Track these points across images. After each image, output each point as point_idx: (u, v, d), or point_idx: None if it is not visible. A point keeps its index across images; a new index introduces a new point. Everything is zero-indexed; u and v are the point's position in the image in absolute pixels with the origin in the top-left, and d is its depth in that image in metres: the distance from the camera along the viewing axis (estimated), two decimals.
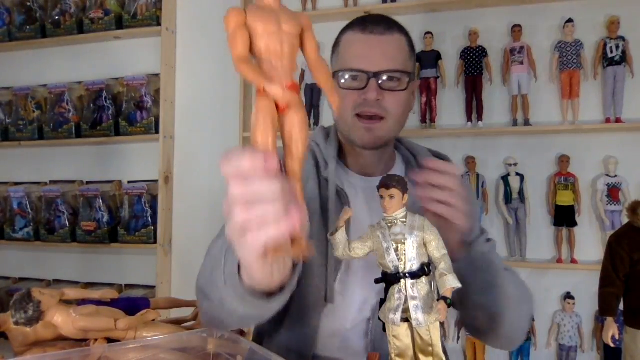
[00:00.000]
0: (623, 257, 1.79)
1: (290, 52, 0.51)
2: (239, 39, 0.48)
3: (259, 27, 0.49)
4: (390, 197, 0.56)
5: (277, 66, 0.50)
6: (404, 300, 0.56)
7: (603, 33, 2.28)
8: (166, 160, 2.72)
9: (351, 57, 1.06)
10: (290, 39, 0.50)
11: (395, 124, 1.08)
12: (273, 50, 0.50)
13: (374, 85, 1.02)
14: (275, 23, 0.49)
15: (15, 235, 2.89)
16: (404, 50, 1.07)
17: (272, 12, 0.50)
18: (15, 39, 2.96)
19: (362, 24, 1.07)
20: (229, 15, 0.49)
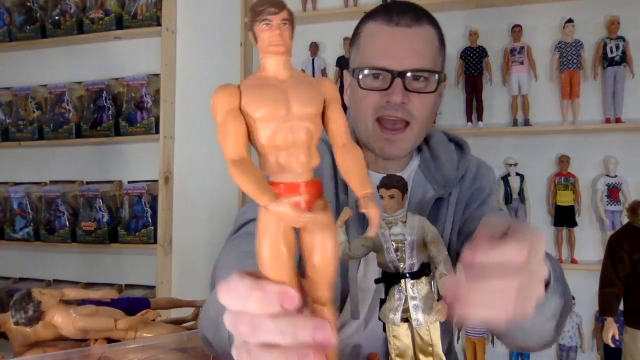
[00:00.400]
0: (623, 257, 1.79)
1: (307, 141, 0.36)
2: (230, 132, 0.35)
3: (258, 113, 0.35)
4: (390, 197, 0.56)
5: (288, 163, 0.36)
6: (404, 300, 0.56)
7: (603, 33, 2.28)
8: (166, 160, 2.71)
9: (373, 53, 0.93)
10: (305, 123, 0.36)
11: (421, 130, 0.97)
12: (280, 142, 0.36)
13: (399, 86, 0.90)
14: (282, 104, 0.36)
15: (15, 235, 2.89)
16: (434, 45, 0.95)
17: (278, 88, 0.36)
18: (15, 39, 2.96)
19: (387, 14, 0.93)
20: (215, 97, 0.37)
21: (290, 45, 0.36)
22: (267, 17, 0.35)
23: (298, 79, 0.37)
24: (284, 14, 0.36)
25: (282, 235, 0.36)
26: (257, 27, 0.35)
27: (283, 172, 0.36)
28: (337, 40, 2.57)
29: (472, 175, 1.03)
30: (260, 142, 0.36)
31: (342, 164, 0.38)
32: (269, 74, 0.37)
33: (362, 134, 0.99)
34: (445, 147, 1.06)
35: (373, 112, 0.93)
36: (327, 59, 2.59)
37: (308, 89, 0.37)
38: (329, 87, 0.39)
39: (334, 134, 0.39)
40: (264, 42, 0.36)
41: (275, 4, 0.36)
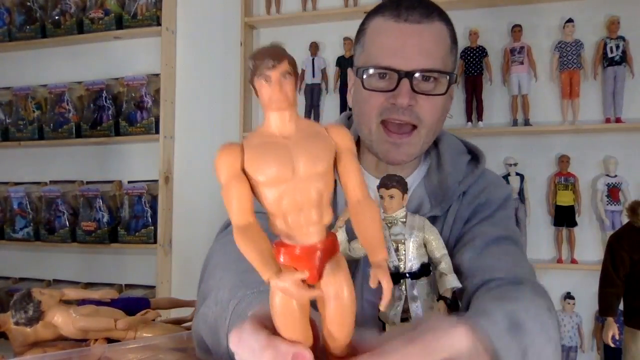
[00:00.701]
0: (623, 257, 1.78)
1: (317, 200, 0.34)
2: (233, 197, 0.34)
3: (261, 177, 0.33)
4: (390, 197, 0.56)
5: (297, 225, 0.34)
6: (404, 300, 0.56)
7: (603, 33, 2.28)
8: (166, 160, 2.71)
9: (379, 51, 0.87)
10: (314, 183, 0.34)
11: (429, 135, 0.90)
12: (287, 206, 0.34)
13: (406, 87, 0.83)
14: (287, 165, 0.33)
15: (15, 235, 2.89)
16: (445, 43, 0.88)
17: (282, 147, 0.34)
18: (15, 39, 2.96)
19: (395, 9, 0.86)
20: (218, 159, 0.34)
21: (294, 97, 0.34)
22: (266, 72, 0.33)
23: (305, 132, 0.35)
24: (283, 66, 0.33)
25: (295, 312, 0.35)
26: (256, 82, 0.33)
27: (294, 234, 0.34)
28: (337, 40, 2.57)
29: (477, 191, 0.95)
30: (267, 205, 0.34)
31: (357, 224, 0.36)
32: (272, 130, 0.35)
33: (365, 137, 0.93)
34: (454, 157, 0.98)
35: (377, 115, 0.87)
36: (327, 58, 2.59)
37: (316, 143, 0.34)
38: (340, 136, 0.36)
39: (347, 188, 0.36)
40: (264, 99, 0.34)
41: (274, 56, 0.33)
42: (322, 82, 2.57)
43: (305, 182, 0.34)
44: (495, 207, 0.93)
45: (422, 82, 0.85)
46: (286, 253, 0.34)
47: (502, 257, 0.81)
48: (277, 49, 0.34)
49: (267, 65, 0.33)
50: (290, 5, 2.66)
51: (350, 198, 0.36)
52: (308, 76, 2.56)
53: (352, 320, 0.36)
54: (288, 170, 0.33)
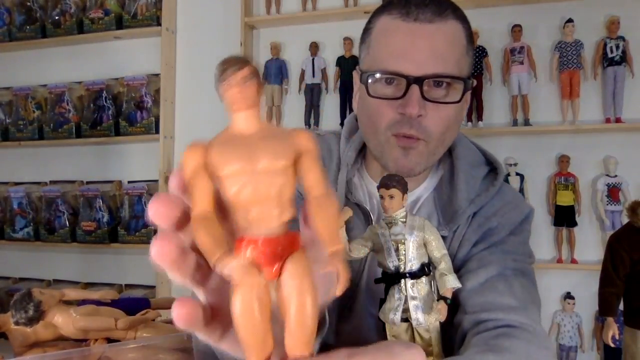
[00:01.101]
0: (623, 257, 1.79)
1: (277, 195, 0.35)
2: (195, 190, 0.35)
3: (222, 170, 0.34)
4: (390, 197, 0.56)
5: (258, 218, 0.35)
6: (404, 300, 0.56)
7: (603, 33, 2.28)
8: (166, 160, 2.72)
9: (385, 54, 0.79)
10: (274, 177, 0.35)
11: (438, 147, 0.83)
12: (247, 198, 0.34)
13: (415, 94, 0.75)
14: (246, 160, 0.34)
15: (15, 235, 2.89)
16: (460, 45, 0.80)
17: (244, 144, 0.35)
18: (16, 39, 2.96)
19: (404, 6, 0.78)
20: (184, 158, 0.35)
21: (256, 99, 0.35)
22: (229, 77, 0.34)
23: (267, 132, 0.36)
24: (244, 71, 0.34)
25: (255, 298, 0.34)
26: (220, 87, 0.35)
27: (254, 228, 0.35)
28: (337, 40, 2.57)
29: (490, 212, 0.86)
30: (228, 199, 0.35)
31: (313, 216, 0.35)
32: (236, 130, 0.36)
33: (373, 147, 0.86)
34: (468, 171, 0.88)
35: (387, 128, 0.80)
36: (327, 58, 2.59)
37: (277, 141, 0.35)
38: (303, 138, 0.36)
39: (308, 184, 0.36)
40: (227, 102, 0.35)
41: (236, 63, 0.34)
42: (322, 82, 2.57)
43: (266, 176, 0.34)
44: (507, 233, 0.85)
45: (433, 89, 0.78)
46: (248, 244, 0.34)
47: (505, 294, 0.76)
48: (240, 57, 0.35)
49: (229, 72, 0.34)
50: (290, 5, 2.66)
51: (309, 193, 0.35)
52: (308, 76, 2.57)
53: (313, 323, 0.34)
54: (248, 163, 0.34)
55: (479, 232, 0.84)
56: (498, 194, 0.88)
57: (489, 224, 0.84)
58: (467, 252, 0.83)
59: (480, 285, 0.76)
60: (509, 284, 0.77)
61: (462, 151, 0.89)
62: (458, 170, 0.87)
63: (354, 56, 2.52)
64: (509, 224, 0.86)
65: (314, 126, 2.57)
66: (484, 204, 0.85)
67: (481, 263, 0.80)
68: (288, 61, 2.66)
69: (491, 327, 0.71)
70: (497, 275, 0.77)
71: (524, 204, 0.92)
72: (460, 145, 0.90)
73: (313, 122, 2.57)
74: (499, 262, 0.79)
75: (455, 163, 0.88)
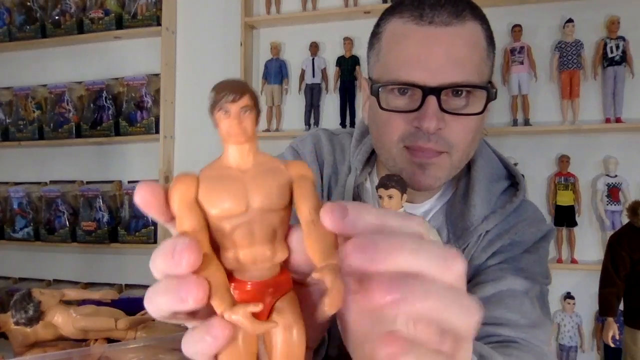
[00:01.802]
0: (623, 257, 1.79)
1: (270, 237, 0.33)
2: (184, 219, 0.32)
3: (213, 209, 0.32)
4: (389, 197, 0.56)
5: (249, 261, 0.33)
6: None
7: (603, 33, 2.28)
8: (166, 160, 2.72)
9: (398, 62, 0.71)
10: (268, 218, 0.33)
11: (461, 160, 0.76)
12: (239, 240, 0.33)
13: (432, 106, 0.68)
14: (241, 199, 0.32)
15: (15, 235, 2.89)
16: (480, 48, 0.73)
17: (237, 180, 0.33)
18: (16, 39, 2.96)
19: (417, 8, 0.71)
20: (171, 191, 0.33)
21: (253, 132, 0.33)
22: (225, 106, 0.32)
23: (263, 167, 0.34)
24: (244, 100, 0.32)
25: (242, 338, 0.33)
26: (216, 114, 0.33)
27: (245, 270, 0.33)
28: (337, 40, 2.57)
29: (503, 230, 0.80)
30: (219, 237, 0.33)
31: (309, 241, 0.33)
32: (229, 163, 0.34)
33: (385, 161, 0.79)
34: (486, 186, 0.82)
35: (399, 141, 0.73)
36: (327, 58, 2.59)
37: (273, 178, 0.33)
38: (298, 168, 0.34)
39: (300, 211, 0.33)
40: (222, 132, 0.33)
41: (235, 90, 0.32)
42: (322, 82, 2.57)
43: (259, 217, 0.32)
44: (521, 250, 0.80)
45: (451, 99, 0.71)
46: (236, 288, 0.33)
47: (514, 311, 0.72)
48: (239, 83, 0.33)
49: (227, 99, 0.32)
50: (290, 5, 2.65)
51: (302, 219, 0.33)
52: (308, 76, 2.57)
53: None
54: (241, 204, 0.32)
55: (488, 251, 0.79)
56: (515, 211, 0.82)
57: (501, 242, 0.79)
58: (474, 270, 0.79)
59: (487, 299, 0.73)
60: (518, 301, 0.73)
61: (482, 164, 0.83)
62: (474, 184, 0.80)
63: (354, 56, 2.52)
64: (523, 242, 0.80)
65: (314, 126, 2.57)
66: (498, 222, 0.80)
67: (489, 277, 0.76)
68: (288, 61, 2.66)
69: (495, 341, 0.68)
70: (506, 291, 0.74)
71: (542, 223, 0.86)
72: (480, 157, 0.83)
73: (313, 122, 2.57)
74: (510, 279, 0.75)
75: (472, 176, 0.82)
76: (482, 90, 0.71)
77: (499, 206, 0.81)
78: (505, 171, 0.87)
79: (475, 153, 0.81)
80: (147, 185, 0.32)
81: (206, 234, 0.32)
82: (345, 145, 0.91)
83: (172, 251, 0.30)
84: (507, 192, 0.85)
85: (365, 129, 0.90)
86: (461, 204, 0.81)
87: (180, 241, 0.30)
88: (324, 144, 0.92)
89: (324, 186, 0.89)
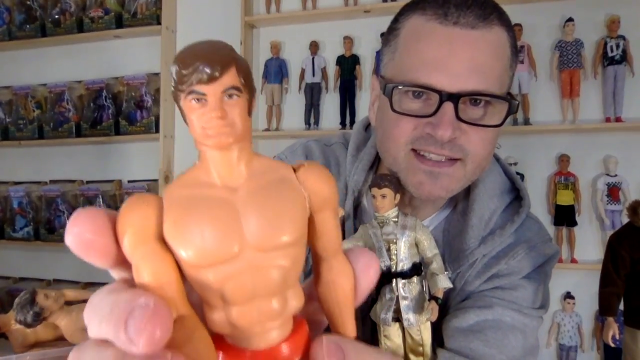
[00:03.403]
0: (623, 256, 1.78)
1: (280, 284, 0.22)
2: (147, 282, 0.21)
3: (186, 253, 0.21)
4: (382, 196, 0.55)
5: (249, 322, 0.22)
6: (395, 300, 0.56)
7: (603, 32, 2.27)
8: (166, 160, 2.71)
9: (416, 62, 0.66)
10: (275, 259, 0.22)
11: (475, 171, 0.70)
12: (232, 296, 0.22)
13: (449, 114, 0.63)
14: (230, 236, 0.21)
15: (15, 235, 2.90)
16: (504, 57, 0.68)
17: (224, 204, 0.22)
18: (15, 38, 2.96)
19: (441, 5, 0.65)
20: (120, 221, 0.22)
21: (246, 127, 0.22)
22: (196, 88, 0.21)
23: (263, 180, 0.22)
24: (228, 78, 0.21)
25: None
26: (182, 101, 0.22)
27: (242, 334, 0.22)
28: (337, 39, 2.57)
29: (501, 253, 0.75)
30: (200, 292, 0.22)
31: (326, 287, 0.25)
32: (211, 176, 0.22)
33: (389, 165, 0.72)
34: (485, 203, 0.76)
35: (407, 143, 0.67)
36: (327, 57, 2.58)
37: (280, 197, 0.22)
38: (318, 182, 0.23)
39: (322, 247, 0.24)
40: (195, 128, 0.21)
41: (212, 60, 0.20)
42: (322, 81, 2.57)
43: (260, 259, 0.21)
44: (519, 277, 0.74)
45: (469, 108, 0.66)
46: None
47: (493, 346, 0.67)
48: (217, 49, 0.21)
49: (199, 77, 0.20)
50: (290, 4, 2.65)
51: (323, 254, 0.25)
52: (308, 75, 2.56)
53: None
54: (232, 244, 0.21)
55: (482, 277, 0.73)
56: (517, 231, 0.76)
57: (497, 267, 0.74)
58: (466, 296, 0.74)
59: (468, 327, 0.68)
60: (501, 334, 0.68)
61: (484, 177, 0.77)
62: (474, 202, 0.75)
63: (354, 55, 2.51)
64: (522, 269, 0.74)
65: (314, 125, 2.56)
66: (495, 245, 0.74)
67: (477, 303, 0.71)
68: (288, 60, 2.65)
69: None
70: (491, 322, 0.69)
71: (546, 245, 0.78)
72: (485, 175, 0.77)
73: (313, 121, 2.57)
74: (498, 310, 0.70)
75: (473, 191, 0.76)
76: (503, 101, 0.66)
77: (498, 226, 0.75)
78: (510, 184, 0.82)
79: None
80: (85, 216, 0.22)
81: (180, 285, 0.22)
82: (340, 157, 0.84)
83: (124, 318, 0.20)
84: (510, 207, 0.78)
85: (361, 141, 0.83)
86: (460, 222, 0.76)
87: (140, 304, 0.20)
88: (317, 157, 0.84)
89: None
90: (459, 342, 0.67)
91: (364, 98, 2.54)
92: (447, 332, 0.68)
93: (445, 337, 0.68)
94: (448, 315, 0.70)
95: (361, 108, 2.53)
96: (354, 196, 0.77)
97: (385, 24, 0.76)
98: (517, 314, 0.70)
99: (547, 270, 0.78)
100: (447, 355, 0.66)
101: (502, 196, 0.78)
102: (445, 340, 0.68)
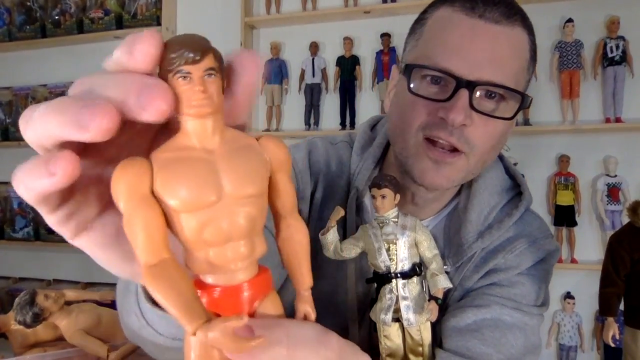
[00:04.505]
0: (623, 256, 1.78)
1: (248, 229, 0.27)
2: (138, 229, 0.25)
3: (175, 201, 0.26)
4: (382, 196, 0.55)
5: (223, 260, 0.27)
6: (395, 300, 0.56)
7: (603, 33, 2.28)
8: None
9: (438, 47, 0.67)
10: (245, 207, 0.27)
11: (477, 165, 0.71)
12: (211, 237, 0.27)
13: (463, 100, 0.64)
14: (211, 186, 0.26)
15: (15, 235, 2.90)
16: (523, 57, 0.70)
17: (204, 162, 0.26)
18: (15, 38, 2.97)
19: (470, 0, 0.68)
20: (114, 180, 0.26)
21: (220, 101, 0.27)
22: (184, 67, 0.25)
23: (233, 145, 0.27)
24: (208, 61, 0.26)
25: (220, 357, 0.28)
26: (171, 80, 0.26)
27: (217, 272, 0.28)
28: (337, 40, 2.57)
29: (499, 246, 0.76)
30: (183, 237, 0.27)
31: (285, 243, 0.31)
32: (191, 141, 0.27)
33: (398, 151, 0.73)
34: (485, 199, 0.77)
35: (419, 128, 0.68)
36: (327, 58, 2.58)
37: (247, 158, 0.27)
38: (276, 149, 0.29)
39: (281, 205, 0.30)
40: (182, 101, 0.26)
41: (195, 47, 0.25)
42: (322, 82, 2.57)
43: (233, 206, 0.27)
44: (517, 272, 0.74)
45: (483, 100, 0.67)
46: (203, 296, 0.28)
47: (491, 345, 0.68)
48: (199, 39, 0.26)
49: (186, 59, 0.25)
50: (290, 5, 2.65)
51: (280, 213, 0.31)
52: (308, 76, 2.57)
53: None
54: (211, 192, 0.26)
55: (480, 271, 0.74)
56: (516, 224, 0.77)
57: (495, 261, 0.74)
58: (464, 292, 0.75)
59: (465, 326, 0.69)
60: (499, 333, 0.69)
61: (485, 173, 0.78)
62: (473, 197, 0.76)
63: (354, 56, 2.52)
64: (520, 264, 0.75)
65: (314, 126, 2.56)
66: (493, 239, 0.75)
67: (474, 301, 0.72)
68: (288, 61, 2.66)
69: None
70: (489, 320, 0.69)
71: (546, 241, 0.79)
72: (487, 171, 0.78)
73: (313, 121, 2.57)
74: (496, 308, 0.70)
75: (474, 188, 0.77)
76: (517, 96, 0.68)
77: (496, 220, 0.76)
78: (511, 182, 0.83)
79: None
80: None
81: (166, 234, 0.26)
82: (344, 157, 0.85)
83: (45, 163, 0.26)
84: (510, 204, 0.79)
85: (367, 140, 0.84)
86: (460, 219, 0.77)
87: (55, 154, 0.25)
88: (321, 153, 0.85)
89: (317, 199, 0.82)
90: (456, 342, 0.68)
91: (363, 99, 2.54)
92: (445, 331, 0.69)
93: (442, 337, 0.69)
94: (446, 314, 0.71)
95: (361, 108, 2.53)
96: (357, 194, 0.79)
97: (385, 25, 0.77)
98: (516, 312, 0.71)
99: (548, 267, 0.79)
100: (444, 355, 0.67)
101: (503, 193, 0.79)
102: (443, 340, 0.69)
